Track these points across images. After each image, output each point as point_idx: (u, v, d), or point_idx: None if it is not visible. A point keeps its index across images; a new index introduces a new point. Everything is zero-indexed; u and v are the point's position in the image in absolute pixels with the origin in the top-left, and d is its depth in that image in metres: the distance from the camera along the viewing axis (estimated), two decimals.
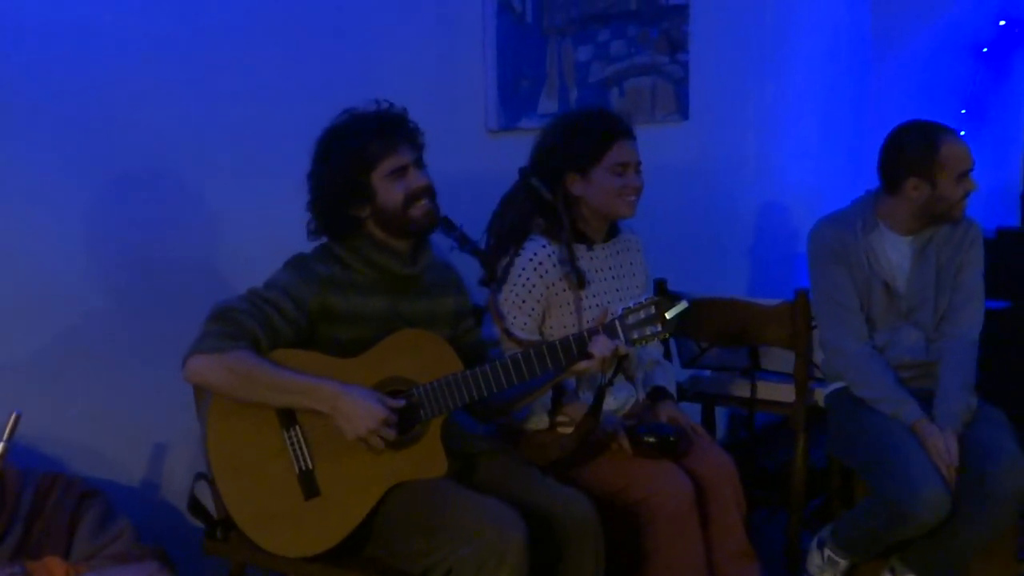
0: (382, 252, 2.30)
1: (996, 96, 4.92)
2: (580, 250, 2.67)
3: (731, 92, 4.24)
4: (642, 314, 2.27)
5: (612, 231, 2.77)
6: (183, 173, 2.56)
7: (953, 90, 4.93)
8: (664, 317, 2.26)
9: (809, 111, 4.69)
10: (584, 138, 2.63)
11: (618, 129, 2.65)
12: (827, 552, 2.89)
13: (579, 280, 2.62)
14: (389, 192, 2.25)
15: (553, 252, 2.61)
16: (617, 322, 2.27)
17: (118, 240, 2.47)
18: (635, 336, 2.27)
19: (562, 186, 2.64)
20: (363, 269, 2.29)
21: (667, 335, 2.29)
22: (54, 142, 2.34)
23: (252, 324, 2.15)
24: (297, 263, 2.28)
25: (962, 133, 2.89)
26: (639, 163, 2.67)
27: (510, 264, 2.61)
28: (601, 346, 2.25)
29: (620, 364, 2.35)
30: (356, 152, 2.25)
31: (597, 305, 2.67)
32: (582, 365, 2.27)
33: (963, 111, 4.77)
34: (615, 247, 2.77)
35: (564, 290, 2.63)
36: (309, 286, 2.22)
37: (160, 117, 2.50)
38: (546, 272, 2.60)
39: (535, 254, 2.61)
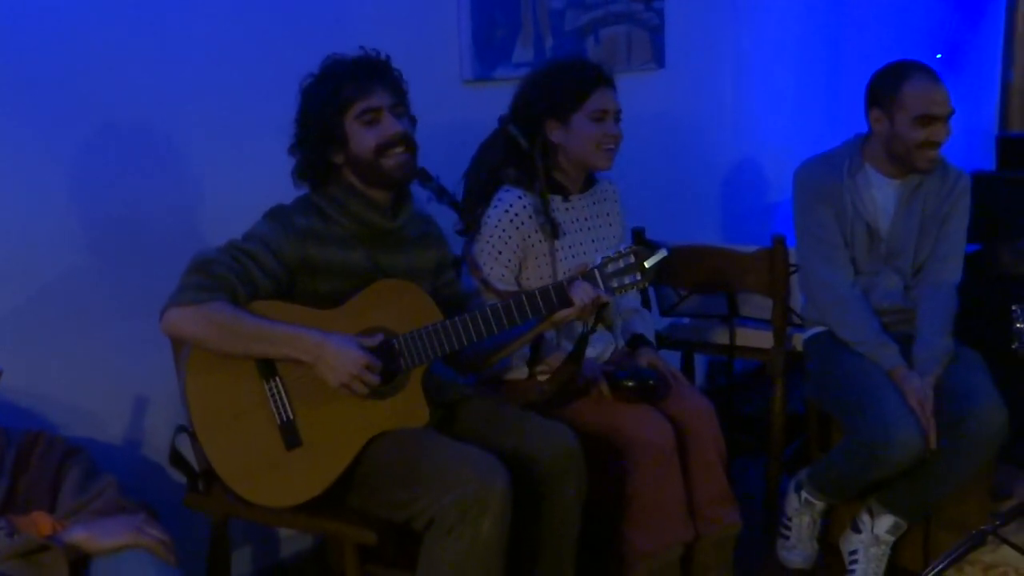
0: (363, 204, 2.28)
1: (972, 40, 4.92)
2: (556, 201, 2.67)
3: (707, 40, 4.22)
4: (621, 263, 2.27)
5: (589, 181, 2.77)
6: (161, 129, 2.53)
7: (929, 35, 4.93)
8: (643, 266, 2.26)
9: (785, 59, 4.68)
10: (565, 84, 2.63)
11: (600, 77, 2.65)
12: (804, 494, 2.93)
13: (553, 230, 2.61)
14: (361, 137, 2.24)
15: (528, 203, 2.61)
16: (596, 271, 2.26)
17: (96, 196, 2.45)
18: (615, 285, 2.27)
19: (541, 134, 2.63)
20: (344, 221, 2.28)
21: (646, 284, 2.29)
22: (33, 100, 2.31)
23: (230, 277, 2.13)
24: (277, 214, 2.26)
25: None
26: (619, 112, 2.67)
27: (485, 215, 2.61)
28: (581, 292, 2.25)
29: (600, 313, 2.36)
30: (330, 94, 2.23)
31: (573, 256, 2.68)
32: (562, 313, 2.27)
33: (939, 56, 4.77)
34: (592, 197, 2.77)
35: (540, 241, 2.63)
36: (289, 238, 2.21)
37: (138, 74, 2.47)
38: (522, 223, 2.60)
39: (511, 205, 2.61)
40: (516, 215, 2.60)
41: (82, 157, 2.41)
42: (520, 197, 2.62)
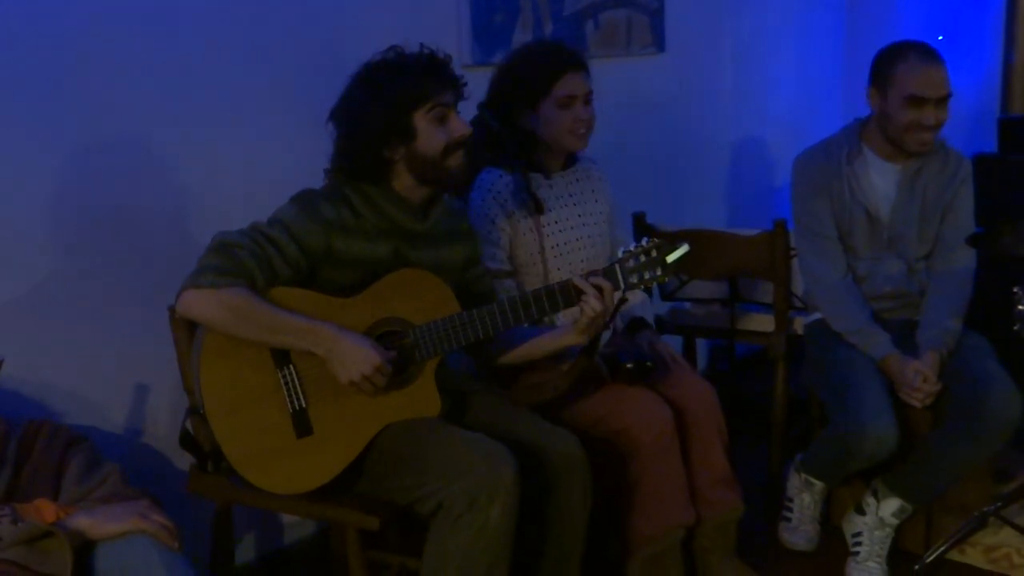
0: (395, 205, 2.26)
1: (974, 22, 4.90)
2: (538, 179, 2.68)
3: (707, 23, 4.21)
4: (643, 257, 2.23)
5: (570, 161, 2.78)
6: (156, 122, 2.52)
7: (931, 16, 4.91)
8: (665, 261, 2.23)
9: (786, 42, 4.66)
10: (531, 72, 2.63)
11: (565, 62, 2.63)
12: (804, 475, 2.94)
13: (537, 206, 2.61)
14: (430, 136, 2.20)
15: (509, 181, 2.62)
16: (617, 265, 2.24)
17: (95, 188, 2.44)
18: (634, 279, 2.24)
19: (515, 120, 2.64)
20: (372, 218, 2.25)
21: (666, 279, 2.26)
22: (30, 94, 2.30)
23: (251, 263, 2.11)
24: (305, 200, 2.21)
25: None
26: (588, 93, 2.65)
27: (468, 198, 2.62)
28: (593, 303, 2.20)
29: (618, 308, 2.34)
30: (405, 87, 2.18)
31: (561, 231, 2.68)
32: (583, 322, 2.25)
33: (940, 37, 4.75)
34: (574, 175, 2.78)
35: (525, 218, 2.63)
36: (314, 228, 2.17)
37: (133, 71, 2.46)
38: (505, 201, 2.61)
39: (492, 184, 2.62)
40: (499, 193, 2.61)
41: (79, 150, 2.40)
42: (501, 176, 2.63)
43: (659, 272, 2.23)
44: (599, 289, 2.21)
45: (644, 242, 2.25)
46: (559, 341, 2.38)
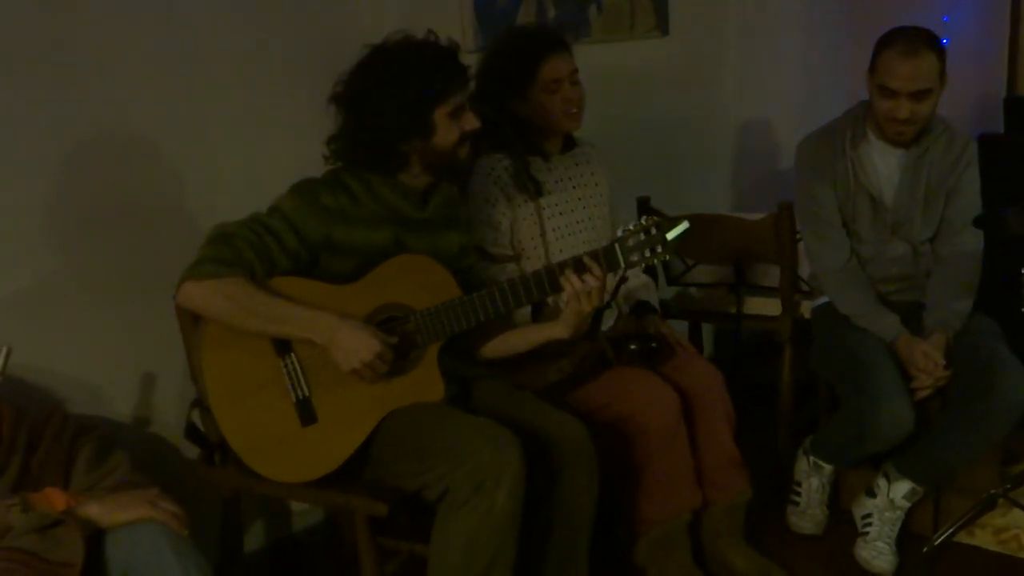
0: (396, 192, 2.26)
1: (980, 2, 4.88)
2: (537, 162, 2.68)
3: (711, 6, 4.18)
4: (642, 236, 2.21)
5: (569, 143, 2.77)
6: (159, 113, 2.51)
7: None
8: (665, 238, 2.21)
9: (790, 23, 4.64)
10: (512, 62, 2.64)
11: (544, 45, 2.63)
12: (812, 458, 2.94)
13: (536, 188, 2.62)
14: (447, 131, 2.21)
15: (508, 165, 2.63)
16: (616, 245, 2.22)
17: (100, 179, 2.44)
18: (635, 258, 2.22)
19: (508, 109, 2.64)
20: (371, 205, 2.25)
21: (667, 256, 2.24)
22: (33, 87, 2.30)
23: (250, 253, 2.12)
24: (304, 190, 2.22)
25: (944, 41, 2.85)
26: (574, 72, 2.65)
27: (469, 184, 2.62)
28: (579, 282, 2.20)
29: (618, 287, 2.34)
30: (425, 84, 2.18)
31: (561, 213, 2.69)
32: (573, 304, 2.24)
33: (945, 18, 4.74)
34: (574, 158, 2.78)
35: (525, 201, 2.63)
36: (313, 217, 2.18)
37: (135, 59, 2.45)
38: (505, 185, 2.61)
39: (492, 169, 2.63)
40: (498, 177, 2.62)
41: (84, 141, 2.40)
42: (500, 160, 2.64)
43: (659, 249, 2.21)
44: (590, 269, 2.19)
45: (643, 220, 2.23)
46: (544, 334, 2.37)
